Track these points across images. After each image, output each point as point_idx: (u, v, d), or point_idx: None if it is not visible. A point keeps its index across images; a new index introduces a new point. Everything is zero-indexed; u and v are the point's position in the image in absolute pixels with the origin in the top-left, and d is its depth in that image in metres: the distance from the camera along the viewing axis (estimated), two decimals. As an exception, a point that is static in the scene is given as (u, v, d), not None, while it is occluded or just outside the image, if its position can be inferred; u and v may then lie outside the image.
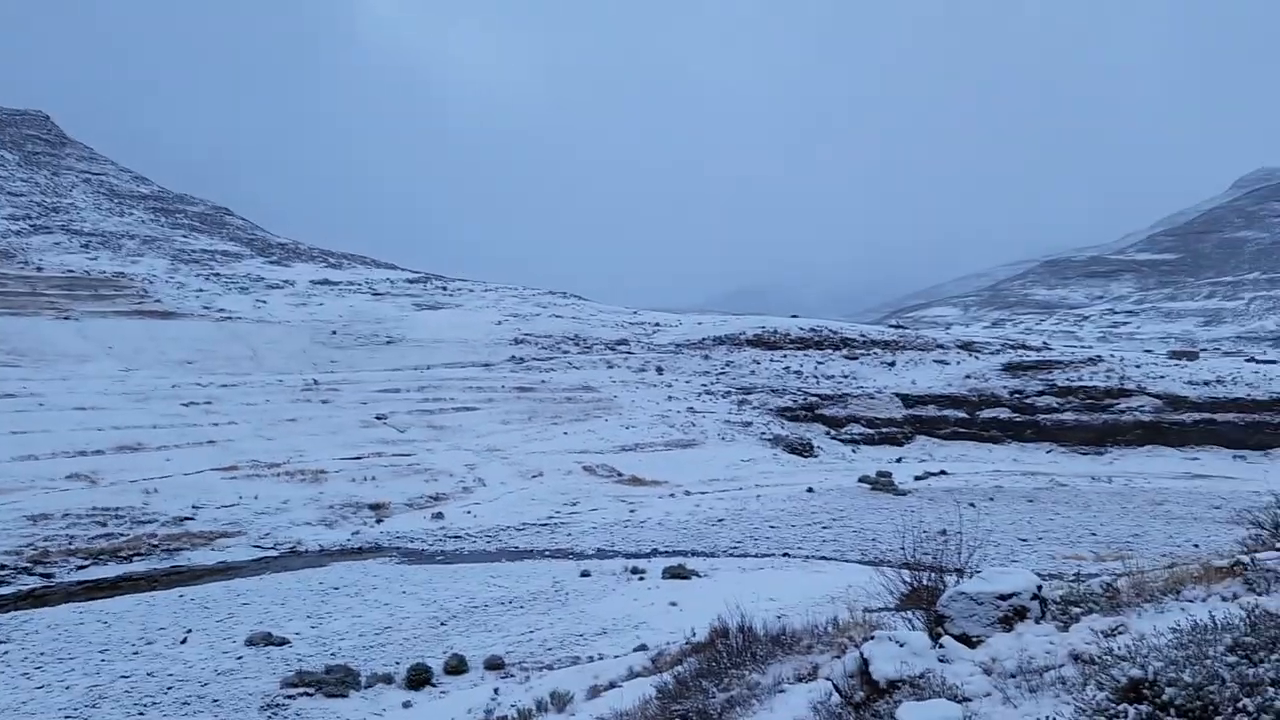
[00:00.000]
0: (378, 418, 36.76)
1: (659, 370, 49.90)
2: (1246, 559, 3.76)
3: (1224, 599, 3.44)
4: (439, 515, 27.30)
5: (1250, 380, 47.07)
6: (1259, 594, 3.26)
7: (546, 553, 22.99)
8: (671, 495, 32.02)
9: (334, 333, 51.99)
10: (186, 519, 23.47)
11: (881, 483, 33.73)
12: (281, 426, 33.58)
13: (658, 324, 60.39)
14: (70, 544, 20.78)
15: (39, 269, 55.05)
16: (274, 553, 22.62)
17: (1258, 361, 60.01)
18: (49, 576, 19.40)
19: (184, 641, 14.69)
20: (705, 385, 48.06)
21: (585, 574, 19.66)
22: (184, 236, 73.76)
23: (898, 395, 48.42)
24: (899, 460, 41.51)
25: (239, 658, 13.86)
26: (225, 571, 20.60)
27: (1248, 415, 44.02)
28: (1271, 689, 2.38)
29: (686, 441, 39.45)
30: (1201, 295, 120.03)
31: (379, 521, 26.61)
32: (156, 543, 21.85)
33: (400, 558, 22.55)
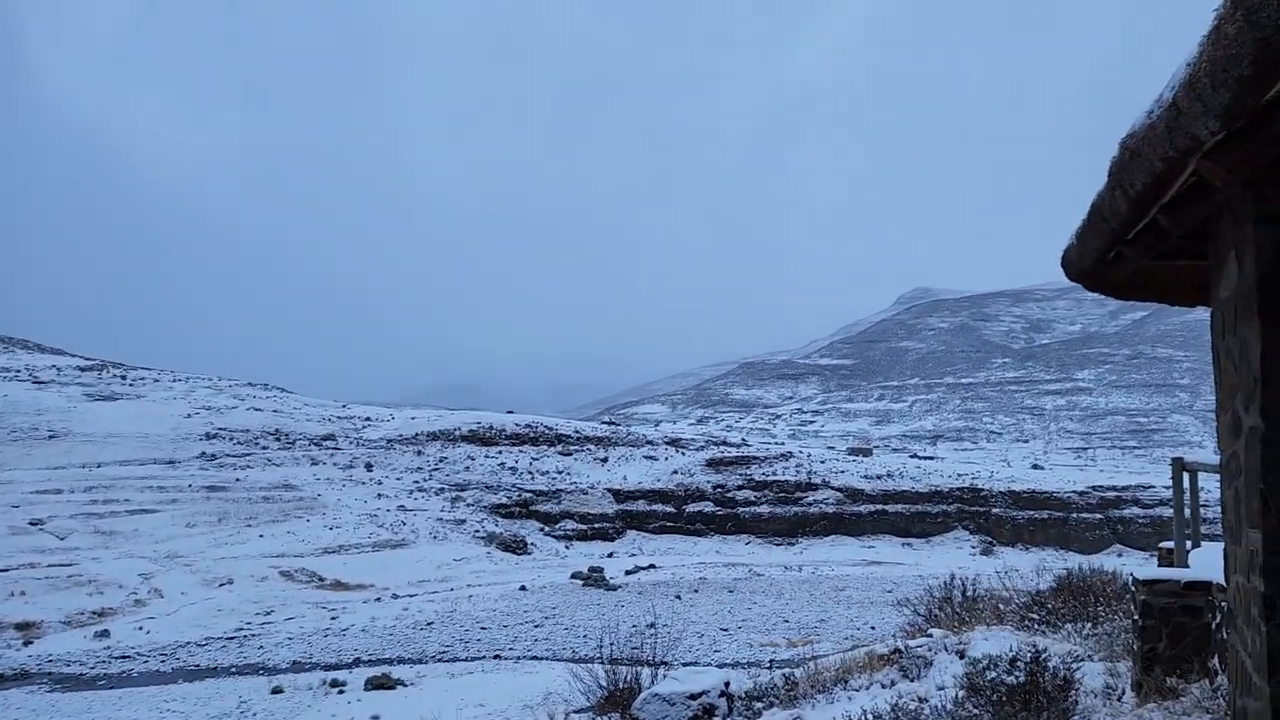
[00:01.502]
0: (32, 523, 32.01)
1: (369, 467, 47.80)
2: (901, 646, 4.17)
3: (883, 685, 3.78)
4: (104, 633, 23.98)
5: (914, 474, 53.21)
6: (911, 679, 3.62)
7: (233, 669, 20.80)
8: (378, 599, 30.40)
9: (-18, 425, 45.04)
10: None
11: (593, 578, 34.15)
12: (-98, 536, 28.34)
13: (369, 419, 58.03)
14: None
15: None
16: (-121, 691, 18.72)
17: (919, 458, 68.21)
18: None
19: None
20: (418, 482, 46.61)
21: (277, 690, 17.96)
22: None
23: (610, 490, 49.62)
24: (610, 555, 42.34)
25: None
26: None
27: (912, 505, 49.56)
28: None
29: (397, 541, 37.83)
30: (874, 398, 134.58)
31: (27, 644, 22.93)
32: None
33: (52, 685, 19.45)
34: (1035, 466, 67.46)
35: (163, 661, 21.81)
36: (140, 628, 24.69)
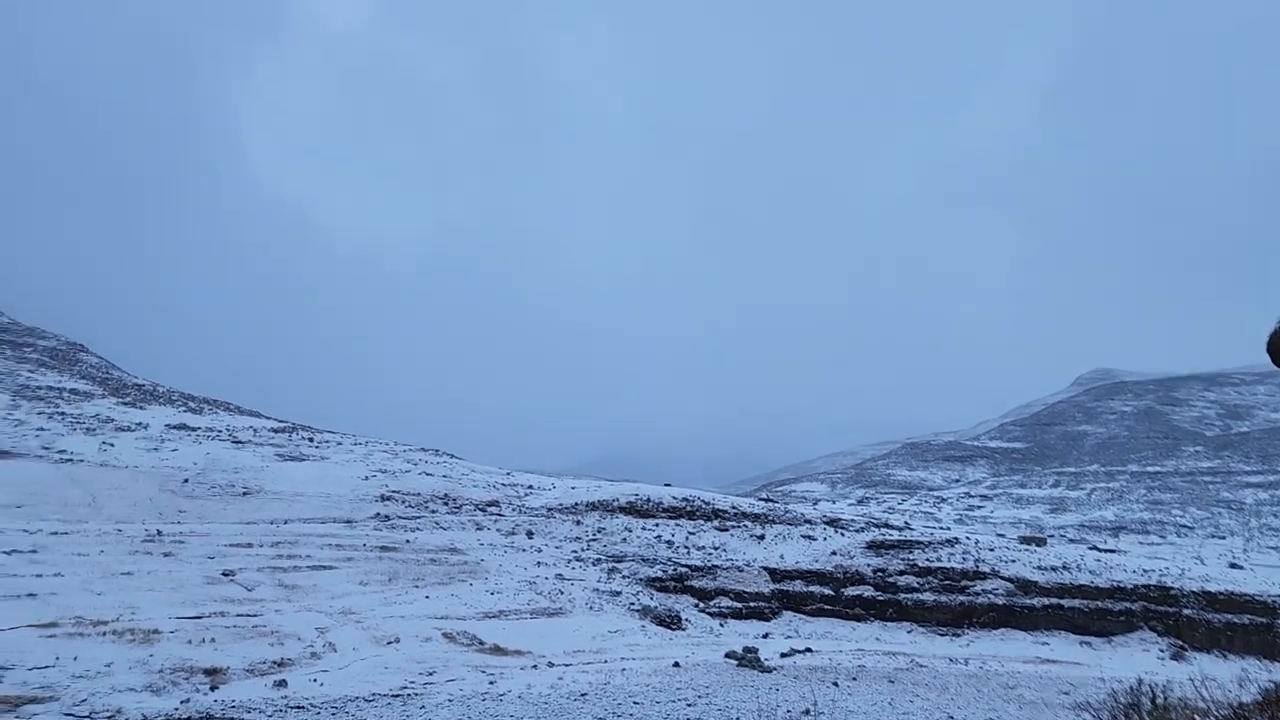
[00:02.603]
0: (224, 574, 34.45)
1: (529, 534, 48.93)
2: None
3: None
4: (282, 683, 25.34)
5: (1093, 568, 49.57)
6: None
7: (396, 727, 21.52)
8: (535, 666, 30.77)
9: (186, 481, 49.17)
10: (-9, 682, 21.09)
11: (748, 659, 33.38)
12: (115, 580, 31.02)
13: (531, 486, 59.63)
14: None
15: None
16: (88, 722, 20.43)
17: (1099, 550, 63.50)
18: None
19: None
20: (576, 551, 47.29)
21: (437, 752, 18.45)
22: (30, 371, 69.58)
23: (766, 569, 48.72)
24: (766, 636, 41.34)
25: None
26: (28, 744, 18.40)
27: (1091, 601, 46.06)
28: None
29: (554, 610, 38.34)
30: (1048, 484, 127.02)
31: (213, 689, 24.45)
32: (-49, 709, 19.49)
33: (234, 731, 20.69)
34: (1233, 565, 61.60)
35: (333, 715, 22.81)
36: (315, 679, 25.95)
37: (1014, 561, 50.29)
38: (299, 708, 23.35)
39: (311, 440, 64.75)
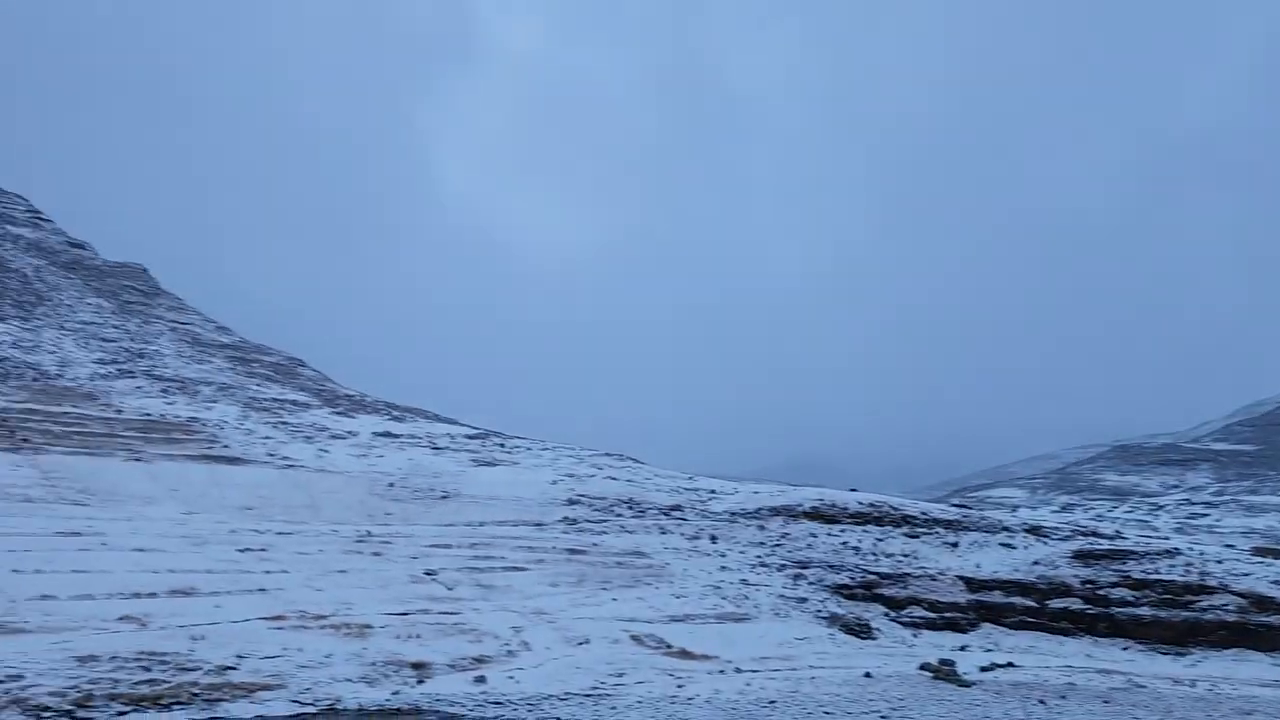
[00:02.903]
0: (427, 573, 36.46)
1: (713, 539, 49.00)
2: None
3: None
4: (481, 679, 26.53)
5: (1342, 583, 44.30)
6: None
7: (589, 727, 22.05)
8: (721, 671, 30.73)
9: (391, 485, 52.46)
10: (229, 668, 23.19)
11: (944, 672, 32.00)
12: (332, 577, 33.47)
13: (713, 491, 59.73)
14: (114, 688, 20.61)
15: (119, 411, 57.16)
16: (312, 709, 22.08)
17: (1349, 562, 56.66)
18: (88, 721, 19.18)
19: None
20: (760, 557, 46.95)
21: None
22: (257, 385, 76.30)
23: (961, 579, 46.60)
24: (963, 648, 39.50)
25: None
26: (262, 726, 20.15)
27: (1342, 620, 41.19)
28: None
29: (739, 615, 38.20)
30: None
31: (420, 682, 25.90)
32: (198, 691, 21.56)
33: (440, 722, 21.83)
34: None
35: (529, 711, 23.63)
36: (511, 677, 26.99)
37: (1247, 575, 45.64)
38: (498, 703, 24.35)
39: (503, 446, 67.64)
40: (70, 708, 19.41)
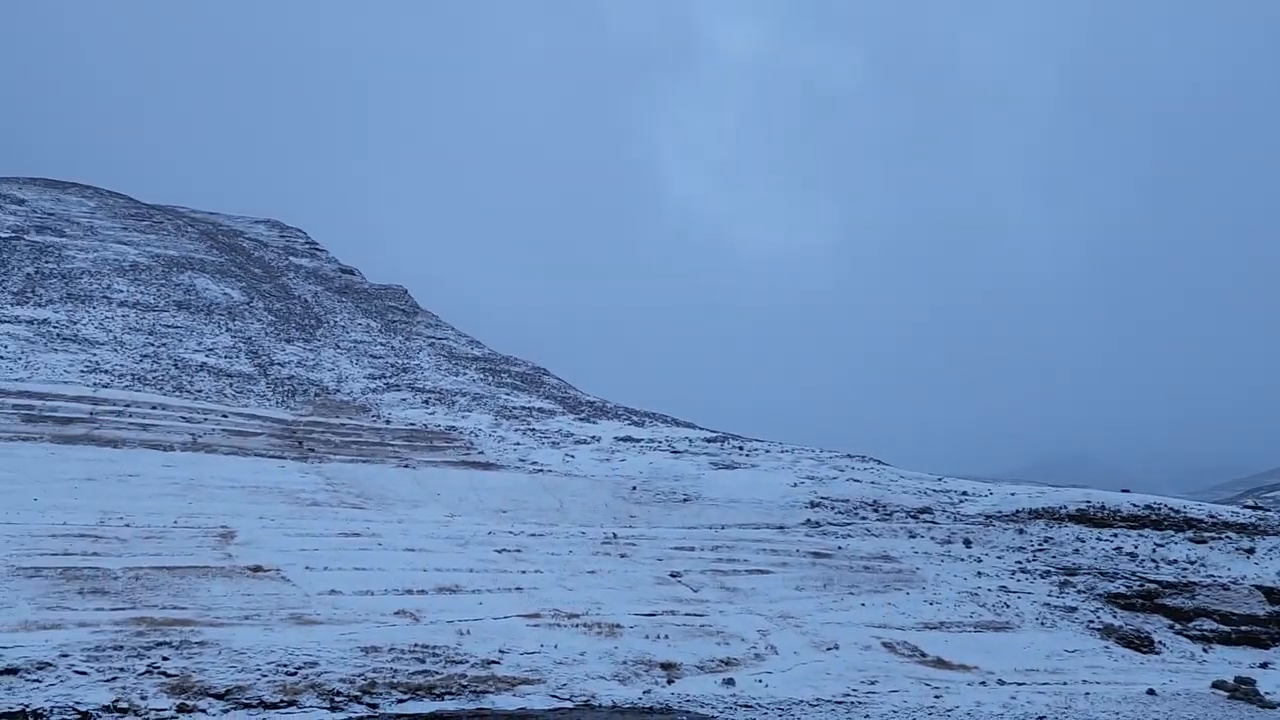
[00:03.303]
0: (671, 575, 36.93)
1: (967, 543, 46.35)
2: None
3: None
4: (730, 681, 26.42)
5: None
6: None
7: (844, 736, 21.33)
8: (983, 683, 28.88)
9: (634, 488, 53.77)
10: (493, 662, 24.48)
11: (1243, 691, 28.44)
12: (581, 578, 34.64)
13: (965, 493, 56.61)
14: (393, 677, 22.31)
15: (387, 422, 62.43)
16: (569, 704, 22.87)
17: None
18: (374, 707, 20.86)
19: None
20: (1020, 562, 43.86)
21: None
22: (506, 394, 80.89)
23: (1259, 588, 41.34)
24: (1264, 665, 34.98)
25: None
26: (525, 719, 21.11)
27: None
28: None
29: (999, 624, 35.82)
30: None
31: (669, 682, 26.18)
32: (466, 683, 22.92)
33: (693, 724, 21.93)
34: None
35: (780, 715, 23.24)
36: (759, 680, 26.69)
37: None
38: (747, 706, 24.14)
39: (741, 449, 67.60)
40: (358, 694, 21.23)
